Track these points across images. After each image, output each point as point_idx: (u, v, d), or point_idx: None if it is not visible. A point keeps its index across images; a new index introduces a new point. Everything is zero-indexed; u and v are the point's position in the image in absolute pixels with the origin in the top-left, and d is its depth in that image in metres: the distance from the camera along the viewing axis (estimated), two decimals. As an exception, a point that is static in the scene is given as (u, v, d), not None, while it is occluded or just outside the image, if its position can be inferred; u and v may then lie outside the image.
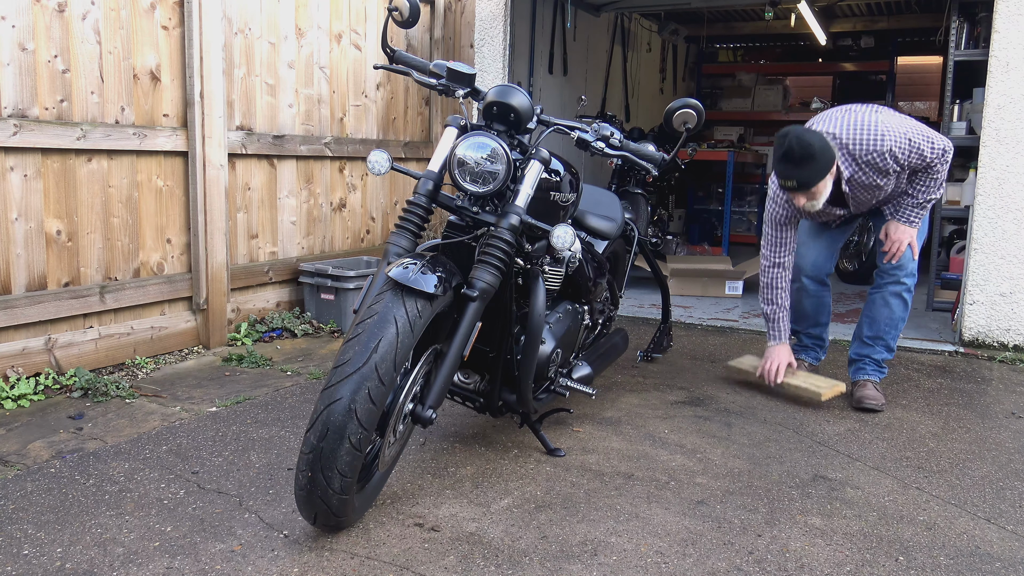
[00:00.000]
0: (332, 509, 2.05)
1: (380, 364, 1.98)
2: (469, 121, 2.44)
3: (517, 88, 2.38)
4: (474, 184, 2.33)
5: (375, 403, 1.99)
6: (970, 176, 4.92)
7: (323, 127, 4.84)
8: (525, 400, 2.64)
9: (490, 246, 2.30)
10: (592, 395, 2.96)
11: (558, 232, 2.30)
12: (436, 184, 2.41)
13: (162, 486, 2.52)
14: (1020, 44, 4.17)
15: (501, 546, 2.19)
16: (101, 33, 3.56)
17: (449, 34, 5.85)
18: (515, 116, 2.36)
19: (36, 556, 2.09)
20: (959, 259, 5.28)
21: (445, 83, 2.51)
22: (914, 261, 3.43)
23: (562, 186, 2.57)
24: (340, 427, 1.95)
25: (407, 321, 2.05)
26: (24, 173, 3.32)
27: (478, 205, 2.39)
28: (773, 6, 6.58)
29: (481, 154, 2.30)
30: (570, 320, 2.91)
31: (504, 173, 2.30)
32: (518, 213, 2.32)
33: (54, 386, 3.39)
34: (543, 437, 2.86)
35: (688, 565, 2.13)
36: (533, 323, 2.52)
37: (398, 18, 2.44)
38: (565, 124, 2.49)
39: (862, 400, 3.40)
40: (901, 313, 3.45)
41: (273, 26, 4.42)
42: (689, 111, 2.28)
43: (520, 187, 2.34)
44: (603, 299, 3.40)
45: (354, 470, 2.02)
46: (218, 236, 4.11)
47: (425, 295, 2.11)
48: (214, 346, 4.14)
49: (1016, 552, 2.24)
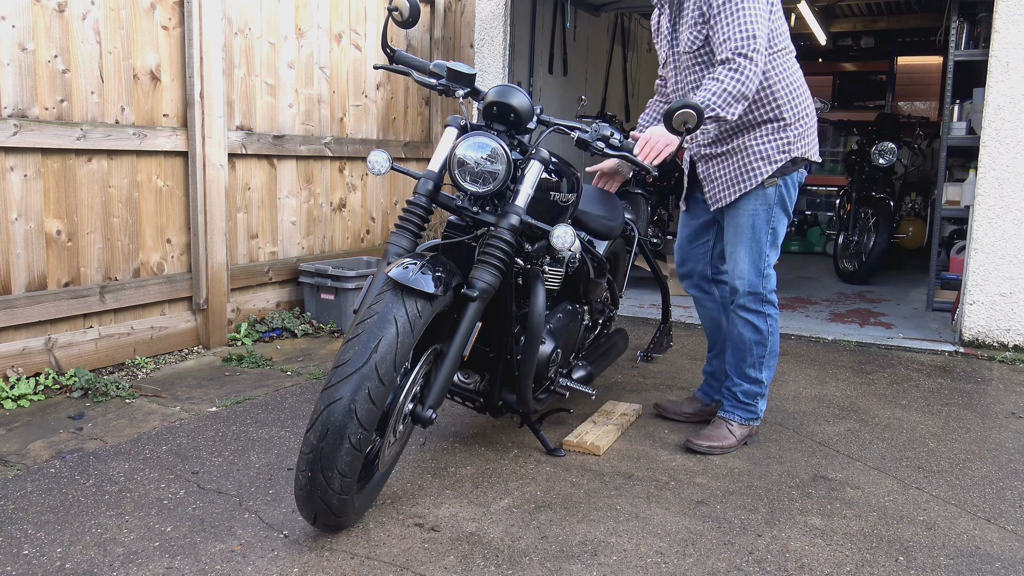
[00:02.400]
0: (332, 509, 2.05)
1: (380, 364, 1.98)
2: (469, 121, 2.44)
3: (517, 88, 2.38)
4: (474, 184, 2.33)
5: (375, 403, 1.98)
6: (970, 176, 4.93)
7: (323, 127, 4.83)
8: (525, 400, 2.64)
9: (490, 246, 2.30)
10: (592, 395, 2.96)
11: (558, 232, 2.30)
12: (436, 184, 2.41)
13: (162, 486, 2.52)
14: (1020, 44, 4.17)
15: (501, 546, 2.19)
16: (101, 33, 3.56)
17: (449, 34, 5.85)
18: (515, 116, 2.36)
19: (36, 556, 2.09)
20: (959, 259, 5.28)
21: (445, 83, 2.51)
22: (759, 277, 2.85)
23: (562, 186, 2.57)
24: (340, 427, 1.95)
25: (407, 321, 2.05)
26: (24, 173, 3.32)
27: (478, 205, 2.39)
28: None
29: (481, 154, 2.31)
30: (570, 320, 2.91)
31: (504, 173, 2.31)
32: (518, 213, 2.32)
33: (54, 386, 3.39)
34: (543, 437, 2.86)
35: (688, 565, 2.13)
36: (533, 323, 2.52)
37: (398, 18, 2.44)
38: (565, 124, 2.49)
39: (690, 441, 2.90)
40: (752, 336, 2.89)
41: (273, 26, 4.42)
42: (689, 111, 2.28)
43: (520, 187, 2.34)
44: (603, 299, 3.40)
45: (354, 470, 2.02)
46: (218, 236, 4.11)
47: (425, 295, 2.11)
48: (214, 346, 4.14)
49: (1016, 552, 2.24)
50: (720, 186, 2.88)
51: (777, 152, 2.80)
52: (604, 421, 3.10)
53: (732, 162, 2.85)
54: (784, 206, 2.87)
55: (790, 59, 2.85)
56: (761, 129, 2.81)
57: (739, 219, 2.87)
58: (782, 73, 2.79)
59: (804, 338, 4.66)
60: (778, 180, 2.82)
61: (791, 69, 2.83)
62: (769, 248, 2.86)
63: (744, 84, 2.56)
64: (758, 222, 2.84)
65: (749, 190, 2.82)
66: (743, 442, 2.95)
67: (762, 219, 2.84)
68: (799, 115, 2.83)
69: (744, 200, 2.84)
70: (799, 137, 2.82)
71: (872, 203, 6.59)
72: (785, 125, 2.80)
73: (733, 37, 2.58)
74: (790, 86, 2.81)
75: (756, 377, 2.93)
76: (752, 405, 2.94)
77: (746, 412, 2.94)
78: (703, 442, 2.89)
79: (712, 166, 2.90)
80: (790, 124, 2.80)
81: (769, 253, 2.86)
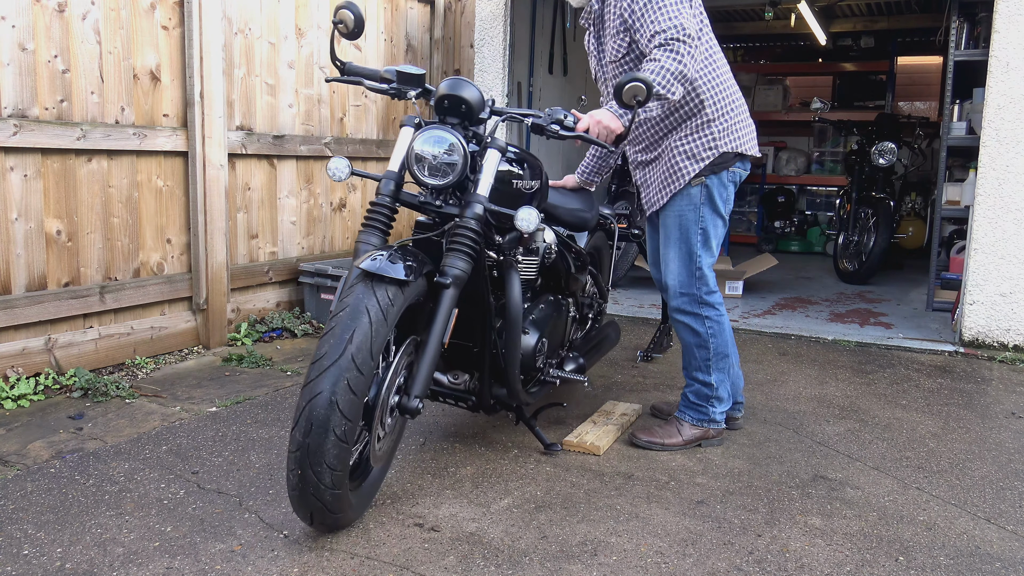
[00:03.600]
0: (327, 505, 2.05)
1: (357, 354, 1.99)
2: (423, 119, 2.47)
3: (467, 80, 2.41)
4: (434, 178, 2.35)
5: (356, 393, 1.99)
6: (970, 176, 4.93)
7: (323, 127, 4.84)
8: (515, 392, 2.65)
9: (457, 235, 2.33)
10: (584, 382, 2.97)
11: (522, 214, 2.34)
12: (397, 184, 2.44)
13: (162, 486, 2.52)
14: (1020, 44, 4.17)
15: (501, 546, 2.20)
16: (101, 33, 3.56)
17: (449, 34, 5.85)
18: (466, 107, 2.38)
19: (36, 556, 2.09)
20: (959, 259, 5.28)
21: (396, 87, 2.53)
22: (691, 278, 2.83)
23: (524, 174, 2.60)
24: (324, 420, 1.96)
25: (379, 309, 2.06)
26: (24, 173, 3.32)
27: (441, 199, 2.42)
28: (773, 6, 6.58)
29: (437, 147, 2.33)
30: (553, 311, 2.93)
31: (461, 163, 2.33)
32: (481, 201, 2.35)
33: (54, 386, 3.39)
34: (539, 433, 2.87)
35: (688, 565, 2.13)
36: (511, 311, 2.55)
37: (343, 30, 2.47)
38: (518, 112, 2.52)
39: (634, 434, 2.93)
40: (691, 339, 2.88)
41: (273, 26, 4.42)
42: (639, 84, 2.29)
43: (480, 177, 2.37)
44: (590, 294, 3.44)
45: (343, 463, 2.02)
46: (218, 236, 4.11)
47: (396, 281, 2.13)
48: (214, 346, 4.14)
49: (1016, 552, 2.25)
50: (653, 190, 2.90)
51: (703, 149, 2.78)
52: (604, 421, 3.10)
53: (661, 165, 2.86)
54: (713, 205, 2.83)
55: (713, 54, 2.81)
56: (685, 128, 2.79)
57: (667, 221, 2.87)
58: (703, 69, 2.77)
59: (804, 338, 4.66)
60: (704, 179, 2.80)
61: (714, 64, 2.80)
62: (701, 248, 2.83)
63: (683, 64, 2.53)
64: (685, 223, 2.83)
65: (677, 191, 2.81)
66: (695, 443, 2.92)
67: (689, 219, 2.82)
68: (723, 110, 2.79)
69: (671, 202, 2.84)
70: (725, 132, 2.79)
71: (872, 203, 6.59)
72: (708, 121, 2.77)
73: (662, 29, 2.56)
74: (712, 81, 2.78)
75: (705, 380, 2.90)
76: (703, 407, 2.92)
77: (698, 413, 2.92)
78: (645, 437, 2.91)
79: (647, 172, 2.93)
80: (714, 120, 2.78)
81: (701, 254, 2.83)
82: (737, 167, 2.85)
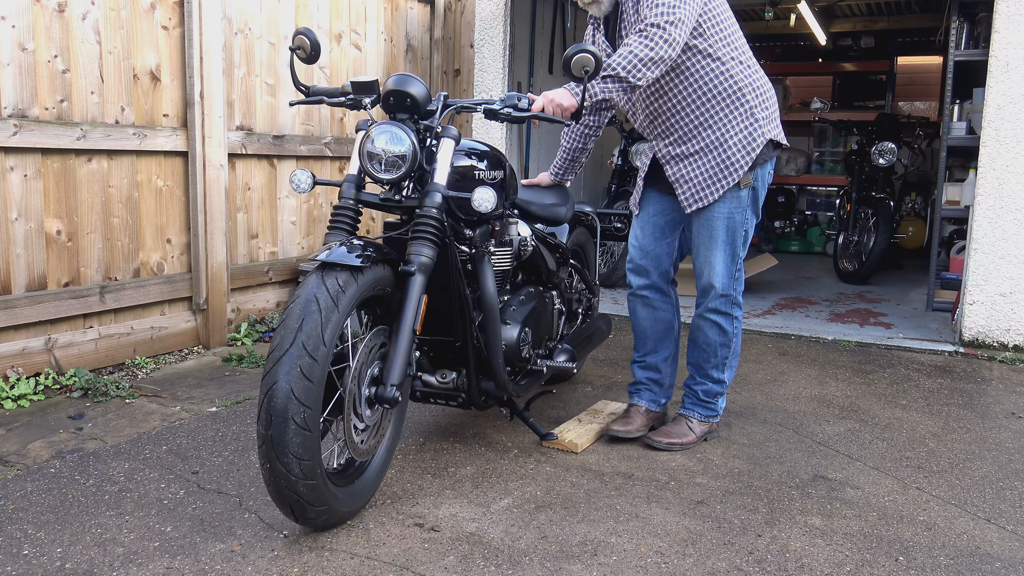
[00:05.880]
0: (302, 497, 2.05)
1: (307, 341, 2.01)
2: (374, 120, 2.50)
3: (411, 75, 2.44)
4: (388, 172, 2.38)
5: (310, 379, 2.00)
6: (970, 176, 4.93)
7: (323, 127, 4.84)
8: (501, 382, 2.67)
9: (419, 225, 2.35)
10: (573, 368, 3.02)
11: (478, 193, 2.36)
12: (358, 185, 2.47)
13: (162, 486, 2.52)
14: (1020, 44, 4.17)
15: (501, 546, 2.20)
16: (101, 33, 3.56)
17: (449, 34, 5.85)
18: (412, 101, 2.40)
19: (36, 556, 2.09)
20: (959, 259, 5.28)
21: (352, 97, 2.56)
22: (732, 279, 2.86)
23: (483, 165, 2.63)
24: (282, 410, 1.97)
25: (328, 296, 2.08)
26: (24, 173, 3.32)
27: (401, 194, 2.44)
28: (773, 6, 6.59)
29: (389, 143, 2.35)
30: (534, 302, 2.95)
31: (411, 153, 2.35)
32: (438, 190, 2.38)
33: (54, 386, 3.39)
34: (533, 424, 2.89)
35: (688, 565, 2.13)
36: (486, 302, 2.58)
37: (301, 56, 2.54)
38: (470, 102, 2.54)
39: (650, 437, 2.91)
40: (718, 338, 2.91)
41: (273, 26, 4.42)
42: (587, 56, 2.32)
43: (436, 166, 2.40)
44: (578, 289, 3.46)
45: (309, 452, 2.02)
46: (218, 236, 4.11)
47: (348, 267, 2.14)
48: (214, 346, 4.14)
49: (1016, 552, 2.24)
50: (699, 186, 2.80)
51: (753, 139, 2.76)
52: (590, 419, 3.11)
53: (708, 158, 2.78)
54: (756, 207, 2.86)
55: (738, 41, 2.78)
56: (730, 116, 2.75)
57: (715, 222, 2.83)
58: (733, 53, 2.74)
59: (804, 338, 4.66)
60: (752, 182, 2.79)
61: (743, 51, 2.78)
62: (742, 250, 2.86)
63: (653, 50, 2.50)
64: (733, 225, 2.81)
65: (729, 187, 2.77)
66: (702, 438, 2.96)
67: (737, 222, 2.82)
68: (762, 96, 2.79)
69: (721, 202, 2.80)
70: (767, 120, 2.79)
71: (872, 203, 6.59)
72: (751, 108, 2.76)
73: (651, 12, 2.55)
74: (745, 67, 2.76)
75: (719, 378, 2.95)
76: (712, 403, 2.97)
77: (706, 409, 2.97)
78: (663, 439, 2.90)
79: (686, 166, 2.82)
80: (756, 107, 2.77)
81: (741, 255, 2.87)
82: (770, 166, 2.88)
